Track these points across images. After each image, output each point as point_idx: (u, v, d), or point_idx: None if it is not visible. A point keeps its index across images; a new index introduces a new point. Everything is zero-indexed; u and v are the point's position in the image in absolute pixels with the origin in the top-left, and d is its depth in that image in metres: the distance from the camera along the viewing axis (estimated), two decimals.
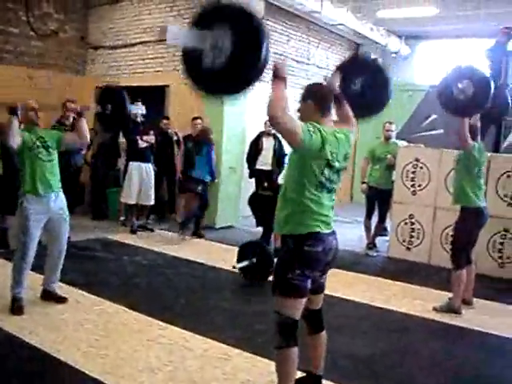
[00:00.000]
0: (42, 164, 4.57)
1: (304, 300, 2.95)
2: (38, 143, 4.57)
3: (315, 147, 2.81)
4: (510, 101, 7.35)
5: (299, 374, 3.22)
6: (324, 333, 3.23)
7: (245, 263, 5.85)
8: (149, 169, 8.07)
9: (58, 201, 4.69)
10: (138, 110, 7.93)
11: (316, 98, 3.04)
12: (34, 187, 4.52)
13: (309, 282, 2.92)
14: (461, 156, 5.21)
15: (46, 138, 4.66)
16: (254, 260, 5.84)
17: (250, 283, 5.83)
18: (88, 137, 4.94)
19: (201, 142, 8.03)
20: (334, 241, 3.02)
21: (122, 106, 5.20)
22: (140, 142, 7.91)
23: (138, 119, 8.02)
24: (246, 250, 5.97)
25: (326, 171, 2.91)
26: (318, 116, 2.99)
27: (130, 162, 7.94)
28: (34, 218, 4.51)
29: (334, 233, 3.05)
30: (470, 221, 5.13)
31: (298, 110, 3.10)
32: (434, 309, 5.18)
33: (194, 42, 2.93)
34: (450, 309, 5.11)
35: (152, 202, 8.22)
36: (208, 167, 8.09)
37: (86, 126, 4.85)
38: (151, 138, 8.03)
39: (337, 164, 2.94)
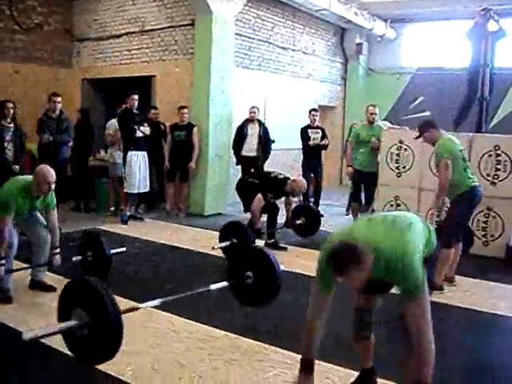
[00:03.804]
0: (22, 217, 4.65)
1: None
2: (26, 210, 4.59)
3: None
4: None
5: None
6: None
7: (225, 244, 5.98)
8: (145, 157, 8.16)
9: None
10: (145, 130, 8.02)
11: None
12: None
13: None
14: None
15: (38, 205, 4.67)
16: (235, 240, 5.97)
17: None
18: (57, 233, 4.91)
19: None
20: None
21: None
22: (138, 131, 7.97)
23: (135, 110, 8.07)
24: (226, 231, 6.10)
25: None
26: None
27: (129, 152, 7.99)
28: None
29: None
30: (464, 200, 5.20)
31: None
32: None
33: None
34: (432, 286, 5.21)
35: (148, 189, 8.32)
36: None
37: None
38: (147, 129, 8.09)
39: None
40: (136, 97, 8.06)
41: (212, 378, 3.39)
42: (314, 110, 9.47)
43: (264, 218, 6.94)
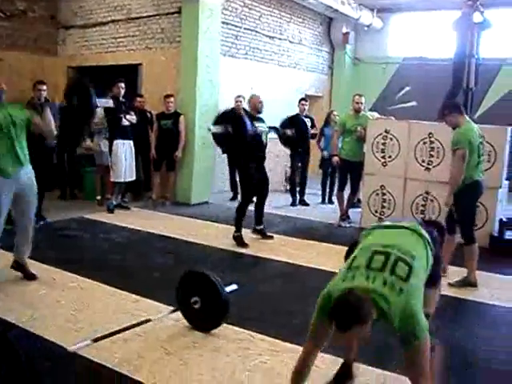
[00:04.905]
0: (11, 142, 4.58)
1: None
2: (8, 120, 4.57)
3: None
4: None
5: None
6: None
7: (219, 129, 6.21)
8: (131, 145, 8.13)
9: (28, 173, 4.74)
10: (108, 104, 7.94)
11: None
12: (3, 166, 4.53)
13: None
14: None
15: (14, 114, 4.65)
16: (230, 129, 6.14)
17: (222, 258, 5.99)
18: (53, 127, 4.99)
19: None
20: None
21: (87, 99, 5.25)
22: (124, 119, 7.93)
23: (121, 98, 8.03)
24: (222, 118, 6.37)
25: None
26: None
27: (115, 141, 7.94)
28: (4, 195, 4.56)
29: None
30: (471, 194, 5.21)
31: None
32: (451, 284, 5.17)
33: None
34: (466, 283, 5.19)
35: (134, 178, 8.31)
36: None
37: (50, 116, 4.90)
38: (133, 118, 8.06)
39: None
40: (123, 85, 8.01)
41: (198, 366, 3.42)
42: (304, 99, 9.51)
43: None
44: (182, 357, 3.52)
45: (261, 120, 6.71)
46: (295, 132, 7.49)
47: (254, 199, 6.85)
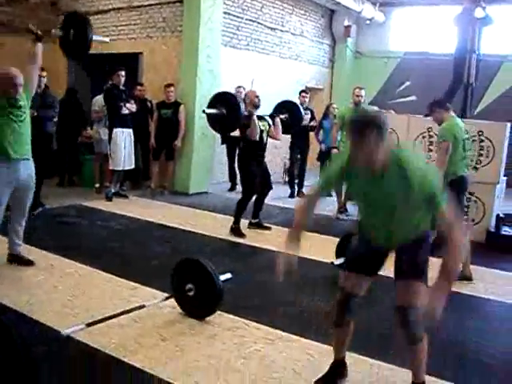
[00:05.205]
0: (14, 125, 4.56)
1: None
2: (9, 102, 4.55)
3: None
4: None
5: None
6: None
7: (213, 110, 6.57)
8: (130, 134, 8.13)
9: (28, 169, 4.75)
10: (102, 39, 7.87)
11: None
12: (6, 151, 4.53)
13: None
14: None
15: (19, 98, 4.63)
16: (224, 110, 6.44)
17: (219, 247, 6.02)
18: (40, 63, 5.03)
19: None
20: None
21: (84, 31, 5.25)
22: (124, 108, 7.93)
23: (121, 87, 8.03)
24: (216, 100, 6.73)
25: None
26: None
27: (114, 129, 7.94)
28: (4, 185, 4.57)
29: None
30: (456, 189, 5.18)
31: None
32: None
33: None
34: (462, 277, 5.14)
35: (133, 166, 8.32)
36: None
37: (40, 52, 4.94)
38: (133, 107, 8.06)
39: None
40: (123, 73, 8.01)
41: (194, 352, 3.45)
42: (304, 91, 9.50)
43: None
44: (178, 343, 3.55)
45: (263, 119, 6.72)
46: (289, 117, 7.53)
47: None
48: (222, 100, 6.70)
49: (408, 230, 2.82)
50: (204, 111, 6.88)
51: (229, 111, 6.55)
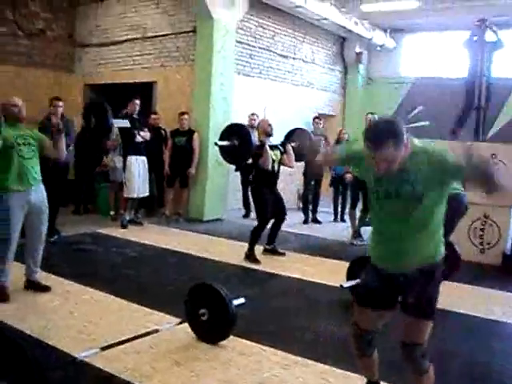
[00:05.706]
0: (22, 161, 4.67)
1: None
2: (19, 141, 4.66)
3: None
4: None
5: None
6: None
7: (225, 142, 6.85)
8: (145, 162, 8.23)
9: (39, 193, 4.82)
10: (124, 123, 8.06)
11: None
12: (14, 183, 4.62)
13: None
14: None
15: (29, 135, 4.76)
16: (236, 142, 6.65)
17: (234, 273, 6.02)
18: (64, 155, 5.10)
19: None
20: None
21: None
22: (138, 136, 8.05)
23: (135, 115, 8.16)
24: (228, 132, 7.02)
25: None
26: None
27: (129, 157, 8.06)
28: (16, 210, 4.64)
29: None
30: (453, 205, 5.20)
31: None
32: None
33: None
34: None
35: (147, 194, 8.39)
36: None
37: (63, 143, 4.99)
38: (147, 135, 8.18)
39: None
40: (138, 101, 8.15)
41: (209, 377, 3.44)
42: (318, 117, 9.57)
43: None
44: (194, 368, 3.54)
45: (275, 148, 6.77)
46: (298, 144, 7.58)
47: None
48: (234, 132, 6.89)
49: (421, 245, 2.74)
50: (216, 143, 7.01)
51: (240, 143, 6.71)
